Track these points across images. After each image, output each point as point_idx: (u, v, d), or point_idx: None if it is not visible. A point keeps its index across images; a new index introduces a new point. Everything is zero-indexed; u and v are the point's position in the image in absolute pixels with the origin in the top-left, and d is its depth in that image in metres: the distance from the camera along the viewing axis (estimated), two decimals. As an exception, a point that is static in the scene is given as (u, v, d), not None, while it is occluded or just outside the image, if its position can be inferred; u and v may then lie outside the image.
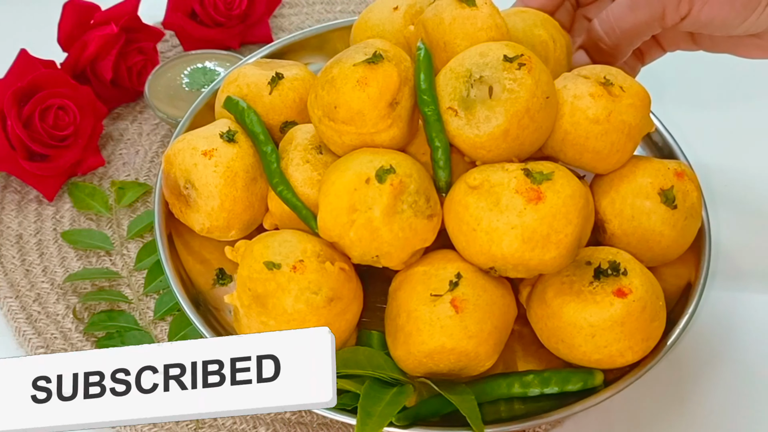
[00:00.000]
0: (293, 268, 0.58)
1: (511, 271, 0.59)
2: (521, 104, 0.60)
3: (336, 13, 1.07)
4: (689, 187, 0.65)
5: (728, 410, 0.69)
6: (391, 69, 0.61)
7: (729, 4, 0.65)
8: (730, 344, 0.73)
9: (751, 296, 0.76)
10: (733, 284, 0.77)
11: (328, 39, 0.84)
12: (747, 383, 0.70)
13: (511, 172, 0.58)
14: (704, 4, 0.65)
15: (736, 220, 0.81)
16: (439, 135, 0.61)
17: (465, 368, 0.60)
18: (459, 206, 0.59)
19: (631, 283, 0.59)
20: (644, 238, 0.64)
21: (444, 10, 0.66)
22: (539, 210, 0.57)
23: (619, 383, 0.60)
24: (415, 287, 0.59)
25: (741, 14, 0.65)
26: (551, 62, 0.71)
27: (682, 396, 0.69)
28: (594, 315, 0.58)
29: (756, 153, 0.88)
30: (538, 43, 0.71)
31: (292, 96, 0.69)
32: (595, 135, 0.63)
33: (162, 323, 0.74)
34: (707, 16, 0.66)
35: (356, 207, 0.58)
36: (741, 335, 0.73)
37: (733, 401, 0.69)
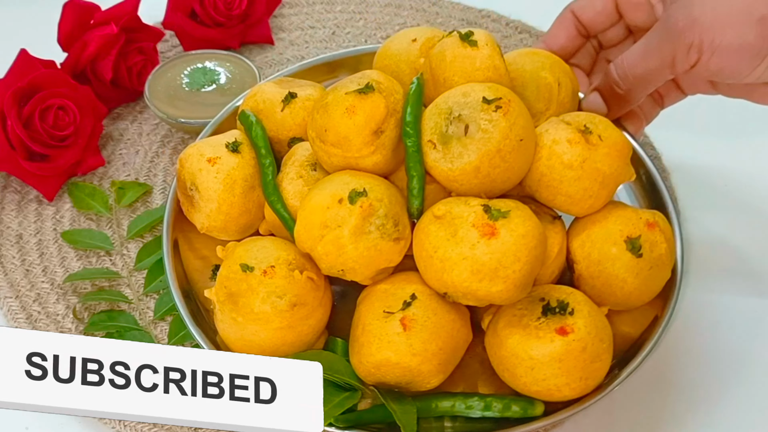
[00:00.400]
0: (264, 272, 0.64)
1: (462, 298, 0.63)
2: (493, 144, 0.64)
3: (336, 12, 1.08)
4: (659, 238, 0.68)
5: (733, 413, 0.72)
6: (379, 100, 0.66)
7: (737, 55, 0.67)
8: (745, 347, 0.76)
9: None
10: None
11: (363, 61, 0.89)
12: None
13: (472, 206, 0.63)
14: (712, 54, 0.67)
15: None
16: (416, 165, 0.66)
17: (411, 383, 0.64)
18: (422, 233, 0.64)
19: (574, 323, 0.62)
20: (608, 283, 0.67)
21: (447, 48, 0.71)
22: (491, 245, 0.61)
23: (555, 415, 0.64)
24: (373, 303, 0.65)
25: (750, 64, 0.68)
26: (554, 105, 0.75)
27: (683, 397, 0.72)
28: (535, 349, 0.62)
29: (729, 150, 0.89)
30: (543, 85, 0.75)
31: (302, 114, 0.75)
32: (568, 180, 0.67)
33: (162, 323, 0.76)
34: (716, 65, 0.68)
35: (327, 224, 0.64)
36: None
37: (745, 407, 0.72)
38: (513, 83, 0.75)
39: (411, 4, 1.10)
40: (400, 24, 1.07)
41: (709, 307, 0.79)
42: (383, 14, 1.09)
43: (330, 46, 1.04)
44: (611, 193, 0.69)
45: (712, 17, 0.67)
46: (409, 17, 1.08)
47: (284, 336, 0.64)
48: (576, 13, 0.79)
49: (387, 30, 1.06)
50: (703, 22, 0.67)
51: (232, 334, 0.65)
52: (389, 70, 0.78)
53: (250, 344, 0.65)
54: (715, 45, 0.67)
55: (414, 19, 1.08)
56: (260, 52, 1.03)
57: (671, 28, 0.68)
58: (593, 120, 0.69)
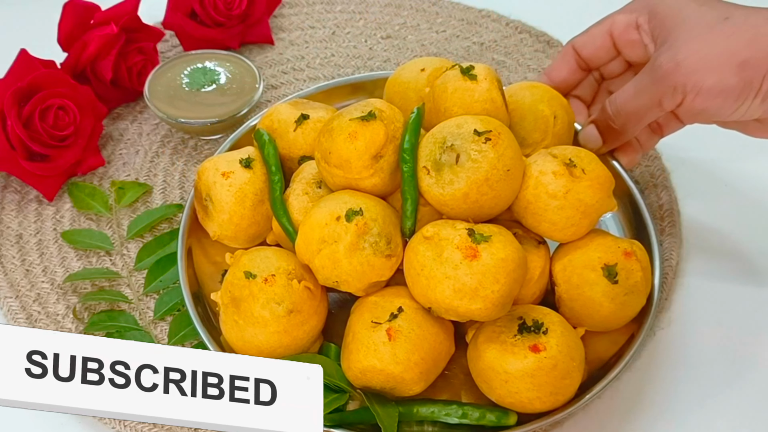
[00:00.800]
0: (265, 280, 0.70)
1: (444, 313, 0.68)
2: (481, 174, 0.69)
3: (336, 13, 1.09)
4: (635, 266, 0.73)
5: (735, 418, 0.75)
6: (379, 128, 0.71)
7: (720, 97, 0.71)
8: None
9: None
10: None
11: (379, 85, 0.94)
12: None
13: (458, 230, 0.68)
14: (696, 95, 0.72)
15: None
16: (410, 189, 0.71)
17: (395, 388, 0.70)
18: (412, 252, 0.69)
19: (547, 342, 0.67)
20: (585, 306, 0.72)
21: (449, 80, 0.76)
22: (472, 266, 0.66)
23: (528, 425, 0.69)
24: (363, 313, 0.70)
25: (732, 105, 0.72)
26: (550, 136, 0.80)
27: (684, 398, 0.76)
28: (509, 363, 0.67)
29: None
30: (540, 117, 0.80)
31: (313, 135, 0.80)
32: (552, 208, 0.72)
33: (162, 323, 0.78)
34: (700, 105, 0.72)
35: (325, 239, 0.69)
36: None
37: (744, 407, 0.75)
38: (512, 114, 0.80)
39: (411, 4, 1.11)
40: (400, 24, 1.09)
41: (709, 308, 0.81)
42: (383, 14, 1.10)
43: (330, 46, 1.06)
44: (593, 222, 0.74)
45: (695, 60, 0.71)
46: (409, 17, 1.10)
47: (281, 339, 0.70)
48: (576, 49, 0.84)
49: (387, 30, 1.07)
50: (687, 65, 0.71)
51: (233, 335, 0.71)
52: (398, 96, 0.84)
53: (249, 345, 0.71)
54: (698, 87, 0.71)
55: (414, 19, 1.10)
56: (260, 52, 1.04)
57: (658, 70, 0.73)
58: (579, 154, 0.73)
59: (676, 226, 0.87)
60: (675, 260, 0.84)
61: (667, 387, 0.77)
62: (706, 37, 0.72)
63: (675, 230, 0.86)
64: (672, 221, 0.87)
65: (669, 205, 0.89)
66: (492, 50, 1.07)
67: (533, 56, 1.06)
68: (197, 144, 0.95)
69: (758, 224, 0.89)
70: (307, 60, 1.05)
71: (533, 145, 0.80)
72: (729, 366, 0.78)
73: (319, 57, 1.05)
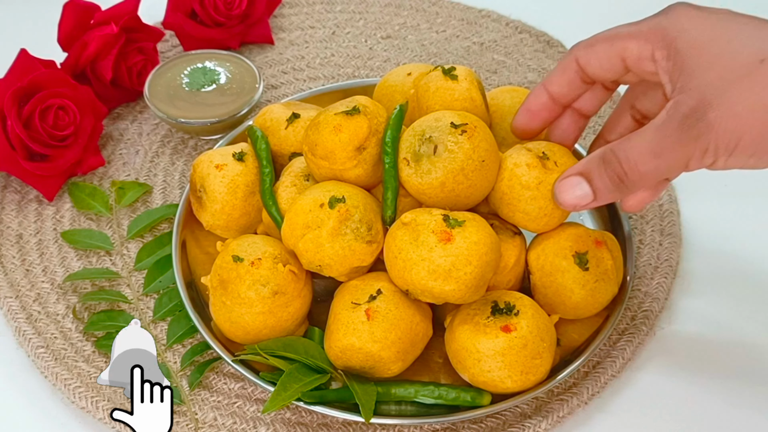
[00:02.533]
0: (252, 263, 0.73)
1: (420, 295, 0.72)
2: (457, 164, 0.73)
3: (336, 13, 1.10)
4: (605, 255, 0.76)
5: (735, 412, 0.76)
6: (363, 121, 0.75)
7: (755, 157, 0.64)
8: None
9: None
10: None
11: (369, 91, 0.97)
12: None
13: (434, 216, 0.72)
14: (729, 156, 0.64)
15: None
16: (390, 179, 0.75)
17: (374, 368, 0.73)
18: (390, 237, 0.73)
19: (518, 323, 0.71)
20: (558, 292, 0.76)
21: (432, 81, 0.81)
22: (446, 249, 0.70)
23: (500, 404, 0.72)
24: (344, 295, 0.74)
25: (766, 163, 0.65)
26: (528, 137, 0.84)
27: (684, 398, 0.77)
28: (481, 343, 0.71)
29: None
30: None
31: (302, 133, 0.85)
32: (525, 199, 0.75)
33: (162, 323, 0.79)
34: (733, 166, 0.65)
35: (309, 224, 0.73)
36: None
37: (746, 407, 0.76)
38: (493, 115, 0.84)
39: (411, 4, 1.12)
40: (400, 24, 1.10)
41: (709, 308, 0.82)
42: (383, 14, 1.11)
43: (330, 46, 1.07)
44: (565, 214, 0.77)
45: (729, 118, 0.62)
46: (409, 17, 1.11)
47: (266, 320, 0.74)
48: (581, 64, 0.72)
49: (387, 30, 1.08)
50: (722, 125, 0.62)
51: (221, 316, 0.75)
52: (386, 98, 0.88)
53: (236, 326, 0.74)
54: (731, 148, 0.63)
55: (414, 19, 1.11)
56: (260, 52, 1.05)
57: (685, 128, 0.63)
58: (552, 148, 0.77)
59: (676, 226, 0.88)
60: (675, 260, 0.85)
61: (666, 387, 0.78)
62: (740, 86, 0.62)
63: (675, 230, 0.87)
64: (672, 221, 0.89)
65: (669, 205, 0.90)
66: (492, 50, 1.08)
67: (533, 56, 1.07)
68: (197, 144, 0.97)
69: (758, 224, 0.89)
70: (307, 60, 1.07)
71: (512, 144, 0.83)
72: (729, 366, 0.79)
73: (319, 57, 1.07)
